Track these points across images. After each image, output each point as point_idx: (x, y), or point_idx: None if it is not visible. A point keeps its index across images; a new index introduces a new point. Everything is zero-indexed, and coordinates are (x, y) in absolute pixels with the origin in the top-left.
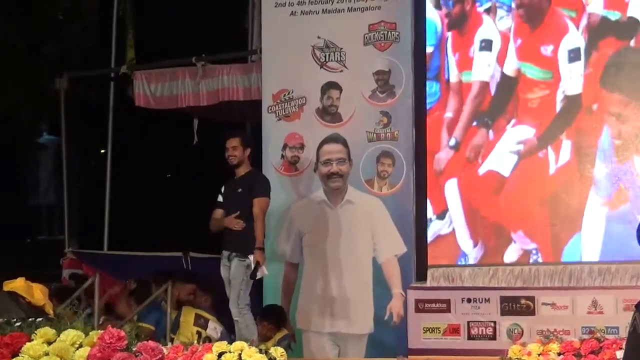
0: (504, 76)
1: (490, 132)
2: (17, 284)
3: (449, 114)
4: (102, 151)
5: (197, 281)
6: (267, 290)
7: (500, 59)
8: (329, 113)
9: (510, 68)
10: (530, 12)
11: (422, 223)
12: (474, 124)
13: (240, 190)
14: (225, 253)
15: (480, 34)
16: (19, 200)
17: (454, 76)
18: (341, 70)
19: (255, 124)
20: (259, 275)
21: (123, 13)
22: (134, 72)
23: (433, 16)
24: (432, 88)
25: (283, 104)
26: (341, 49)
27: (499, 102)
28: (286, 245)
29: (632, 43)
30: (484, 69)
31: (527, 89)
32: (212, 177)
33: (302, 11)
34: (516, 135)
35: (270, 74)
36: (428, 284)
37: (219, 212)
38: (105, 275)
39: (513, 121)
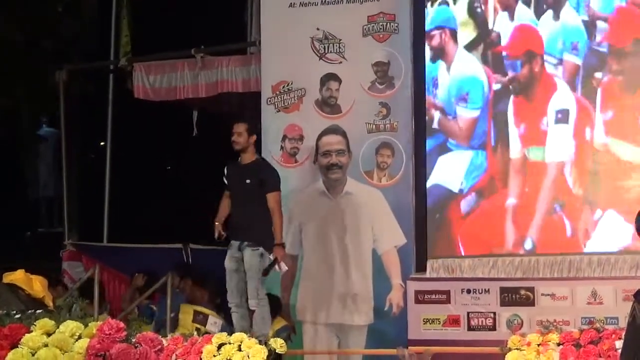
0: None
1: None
2: (17, 276)
3: (512, 200)
4: (102, 143)
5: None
6: (267, 282)
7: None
8: (328, 104)
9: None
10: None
11: (421, 214)
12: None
13: (248, 181)
14: (234, 243)
15: (555, 103)
16: (19, 193)
17: (515, 151)
18: (340, 62)
19: (255, 115)
20: (278, 271)
21: (121, 6)
22: (133, 64)
23: (479, 74)
24: (477, 159)
25: (282, 96)
26: (340, 40)
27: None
28: (286, 236)
29: None
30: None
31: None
32: (212, 169)
33: (301, 3)
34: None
35: (270, 65)
36: (428, 275)
37: (228, 193)
38: (105, 267)
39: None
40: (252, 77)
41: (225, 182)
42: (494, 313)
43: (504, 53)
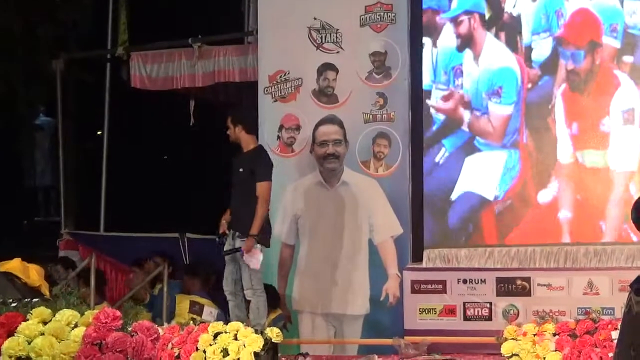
0: None
1: None
2: (13, 265)
3: (565, 213)
4: (99, 133)
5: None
6: (264, 272)
7: None
8: (325, 94)
9: None
10: None
11: (418, 204)
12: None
13: (241, 170)
14: (230, 232)
15: (618, 100)
16: (16, 182)
17: (566, 155)
18: (337, 52)
19: (251, 105)
20: (250, 265)
21: None
22: (130, 53)
23: (512, 64)
24: (510, 160)
25: (279, 85)
26: (337, 30)
27: None
28: (282, 226)
29: None
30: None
31: None
32: (209, 158)
33: None
34: None
35: (267, 55)
36: (424, 265)
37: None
38: (102, 256)
39: None
40: (249, 66)
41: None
42: (490, 303)
43: (553, 41)
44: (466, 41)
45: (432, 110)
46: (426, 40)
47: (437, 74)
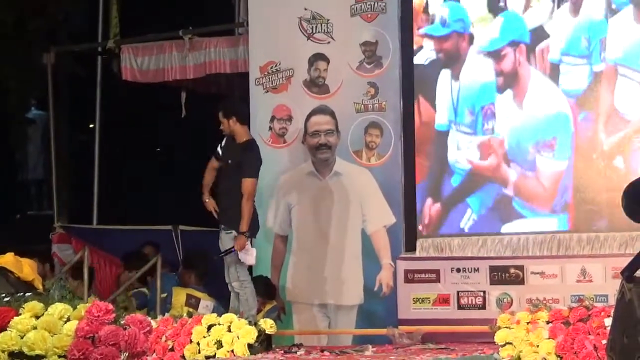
0: None
1: None
2: (6, 259)
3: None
4: (91, 126)
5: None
6: (257, 263)
7: None
8: (316, 84)
9: None
10: None
11: (410, 193)
12: None
13: (230, 161)
14: (220, 225)
15: None
16: (8, 176)
17: None
18: (328, 42)
19: (243, 96)
20: (247, 262)
21: None
22: (121, 46)
23: (563, 106)
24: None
25: (270, 76)
26: (328, 20)
27: None
28: (275, 217)
29: None
30: None
31: None
32: (201, 150)
33: None
34: None
35: (257, 46)
36: (417, 254)
37: (214, 163)
38: (95, 249)
39: None
40: (240, 58)
41: (219, 151)
42: (484, 292)
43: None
44: (510, 79)
45: (451, 158)
46: (444, 72)
47: (458, 113)
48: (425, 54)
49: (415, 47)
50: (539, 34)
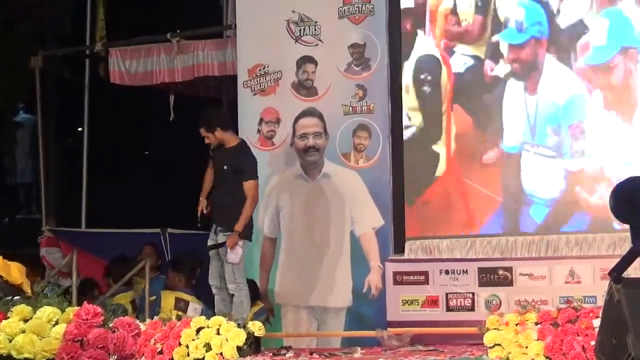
0: None
1: None
2: None
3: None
4: (79, 129)
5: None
6: (246, 266)
7: None
8: (304, 87)
9: None
10: None
11: (399, 195)
12: None
13: (225, 167)
14: (214, 227)
15: None
16: None
17: None
18: (316, 44)
19: (231, 99)
20: (229, 260)
21: None
22: (109, 49)
23: None
24: None
25: (258, 79)
26: (316, 22)
27: None
28: (264, 220)
29: None
30: None
31: None
32: (189, 153)
33: None
34: None
35: (245, 48)
36: (406, 256)
37: (209, 171)
38: (83, 253)
39: None
40: (228, 60)
41: (211, 154)
42: (473, 293)
43: None
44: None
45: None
46: (517, 85)
47: (536, 132)
48: (460, 60)
49: (443, 49)
50: None
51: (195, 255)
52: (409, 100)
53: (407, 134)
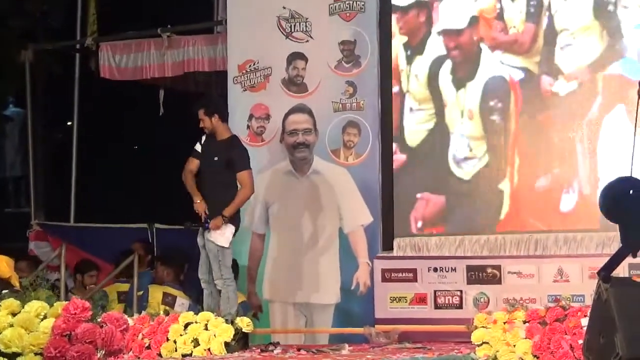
0: None
1: None
2: None
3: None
4: (69, 123)
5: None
6: (235, 254)
7: None
8: (294, 83)
9: None
10: None
11: (388, 192)
12: None
13: (216, 158)
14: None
15: None
16: None
17: None
18: (307, 41)
19: (221, 94)
20: (217, 242)
21: None
22: (99, 43)
23: None
24: None
25: (249, 75)
26: (307, 19)
27: None
28: (252, 215)
29: None
30: None
31: None
32: (179, 148)
33: None
34: None
35: (236, 44)
36: (395, 253)
37: (194, 163)
38: (72, 247)
39: None
40: (218, 56)
41: (198, 149)
42: (461, 291)
43: None
44: None
45: None
46: None
47: None
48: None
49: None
50: None
51: (184, 251)
52: (471, 127)
53: (468, 166)
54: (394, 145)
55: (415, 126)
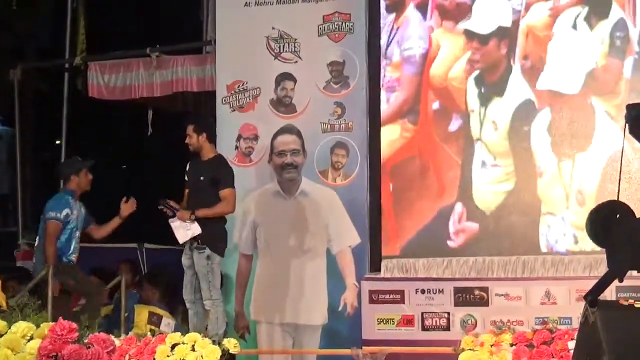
0: None
1: None
2: None
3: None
4: (57, 142)
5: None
6: (223, 282)
7: None
8: (283, 104)
9: None
10: None
11: (375, 214)
12: None
13: (202, 178)
14: (187, 243)
15: None
16: None
17: None
18: (295, 61)
19: (210, 114)
20: (176, 234)
21: (77, 3)
22: (88, 62)
23: None
24: None
25: (237, 95)
26: (295, 39)
27: None
28: (240, 236)
29: None
30: None
31: None
32: (167, 168)
33: (256, 2)
34: None
35: (225, 65)
36: (382, 274)
37: (186, 192)
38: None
39: None
40: (207, 76)
41: (186, 178)
42: (448, 313)
43: None
44: None
45: None
46: None
47: None
48: None
49: None
50: None
51: (171, 271)
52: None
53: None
54: None
55: None
